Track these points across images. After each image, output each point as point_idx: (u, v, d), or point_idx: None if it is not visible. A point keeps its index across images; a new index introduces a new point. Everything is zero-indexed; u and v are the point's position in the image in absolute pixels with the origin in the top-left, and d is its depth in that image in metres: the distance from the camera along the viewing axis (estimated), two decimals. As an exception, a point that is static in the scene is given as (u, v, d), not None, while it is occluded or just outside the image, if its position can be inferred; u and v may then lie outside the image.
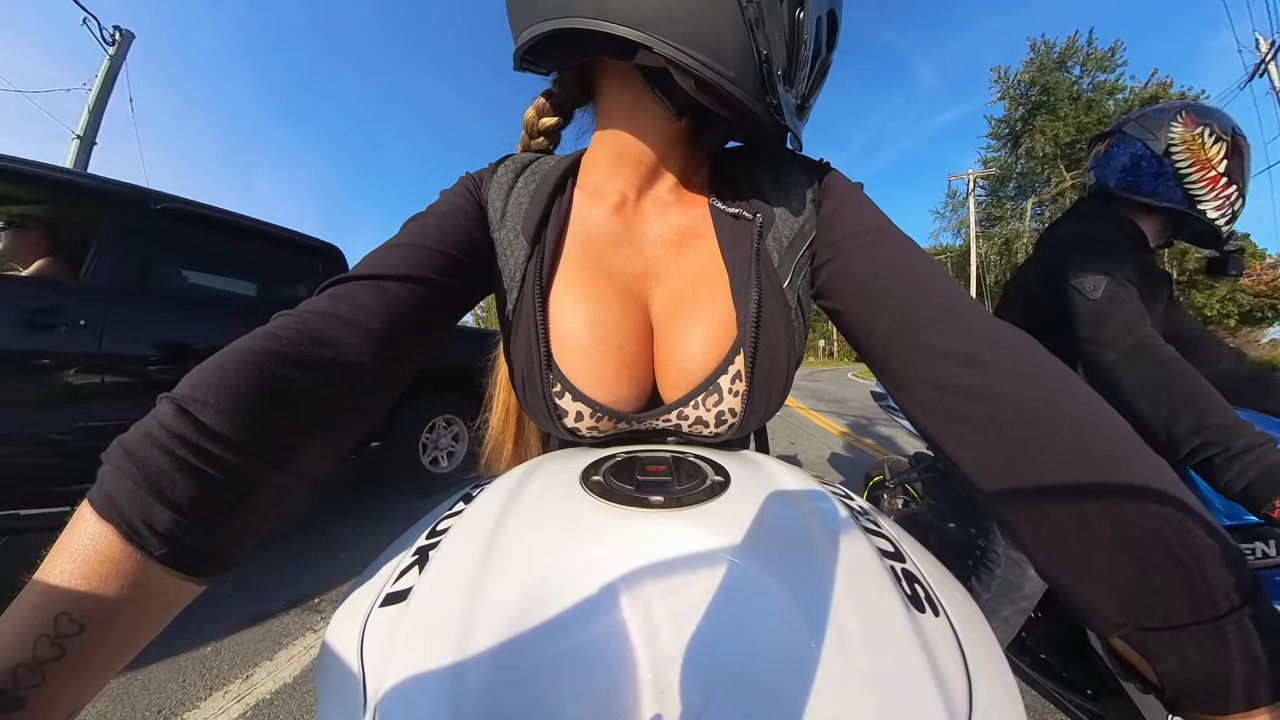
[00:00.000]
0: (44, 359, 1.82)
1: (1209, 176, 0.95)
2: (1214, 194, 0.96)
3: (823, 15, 0.39)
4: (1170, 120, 1.00)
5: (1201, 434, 0.75)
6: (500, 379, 0.68)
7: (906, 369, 0.38)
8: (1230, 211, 0.97)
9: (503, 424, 0.68)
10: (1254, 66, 19.26)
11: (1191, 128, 0.97)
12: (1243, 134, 0.97)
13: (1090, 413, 0.31)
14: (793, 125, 0.40)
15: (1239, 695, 0.25)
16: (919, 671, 0.25)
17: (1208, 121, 0.96)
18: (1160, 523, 0.27)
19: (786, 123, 0.39)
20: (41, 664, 0.24)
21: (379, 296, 0.38)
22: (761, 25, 0.35)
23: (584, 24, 0.37)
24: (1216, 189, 0.96)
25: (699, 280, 0.48)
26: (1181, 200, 0.99)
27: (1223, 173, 0.95)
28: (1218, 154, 0.95)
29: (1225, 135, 0.95)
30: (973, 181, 27.97)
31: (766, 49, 0.35)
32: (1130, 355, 0.86)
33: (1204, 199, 0.97)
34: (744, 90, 0.36)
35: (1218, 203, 0.96)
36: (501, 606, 0.26)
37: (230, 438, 0.30)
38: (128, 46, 10.04)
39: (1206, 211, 0.97)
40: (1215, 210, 0.97)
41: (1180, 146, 0.98)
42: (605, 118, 0.49)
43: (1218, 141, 0.95)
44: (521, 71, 0.47)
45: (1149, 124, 1.03)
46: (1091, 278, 0.94)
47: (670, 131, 0.47)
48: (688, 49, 0.35)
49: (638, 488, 0.35)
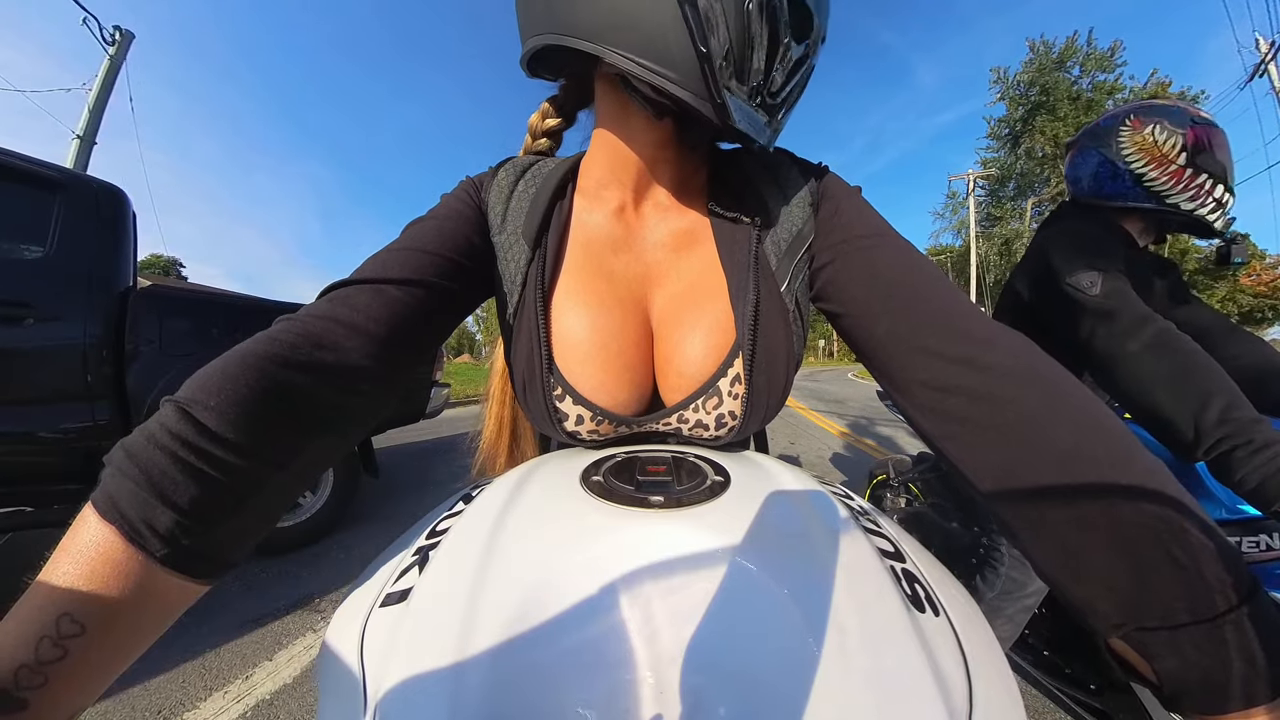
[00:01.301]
0: None
1: (1170, 171, 0.97)
2: (1180, 186, 0.97)
3: (780, 3, 0.35)
4: (1119, 125, 1.02)
5: (1227, 425, 0.74)
6: (494, 391, 0.68)
7: (905, 371, 0.38)
8: (1211, 199, 0.97)
9: (496, 437, 0.68)
10: (1254, 66, 19.29)
11: (1140, 129, 1.00)
12: (1206, 123, 0.97)
13: (1088, 414, 0.31)
14: (746, 126, 0.38)
15: (1237, 694, 0.25)
16: (919, 671, 0.25)
17: (1157, 119, 0.98)
18: (1158, 523, 0.27)
19: (735, 123, 0.37)
20: (44, 665, 0.24)
21: (379, 300, 0.39)
22: (703, 23, 0.34)
23: (553, 40, 0.39)
24: (1182, 181, 0.96)
25: (698, 284, 0.48)
26: (1147, 198, 1.01)
27: (1184, 165, 0.96)
28: (1173, 148, 0.96)
29: (1179, 129, 0.96)
30: (972, 182, 27.98)
31: (706, 47, 0.34)
32: (1153, 346, 0.84)
33: (1171, 193, 0.98)
34: (689, 91, 0.35)
35: (1189, 193, 0.97)
36: (501, 607, 0.26)
37: (232, 440, 0.30)
38: (128, 46, 10.04)
39: (1180, 204, 0.98)
40: (1190, 201, 0.97)
41: (1132, 148, 1.00)
42: (600, 121, 0.50)
43: (1170, 136, 0.97)
44: (533, 78, 0.49)
45: (1100, 132, 1.06)
46: (1086, 275, 0.94)
47: (655, 133, 0.46)
48: (634, 55, 0.35)
49: (638, 488, 0.35)
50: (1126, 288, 0.91)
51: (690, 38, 0.34)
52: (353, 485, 2.80)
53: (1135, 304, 0.89)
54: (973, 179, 27.95)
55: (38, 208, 1.86)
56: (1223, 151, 0.96)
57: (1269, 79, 18.62)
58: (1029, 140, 26.57)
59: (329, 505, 2.67)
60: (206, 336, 2.24)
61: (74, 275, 1.88)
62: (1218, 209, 0.97)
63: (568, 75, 0.52)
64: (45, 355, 1.82)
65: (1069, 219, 1.12)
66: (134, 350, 1.99)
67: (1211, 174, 0.96)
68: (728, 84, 0.36)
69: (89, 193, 1.97)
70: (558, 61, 0.46)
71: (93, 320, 1.89)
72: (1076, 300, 0.94)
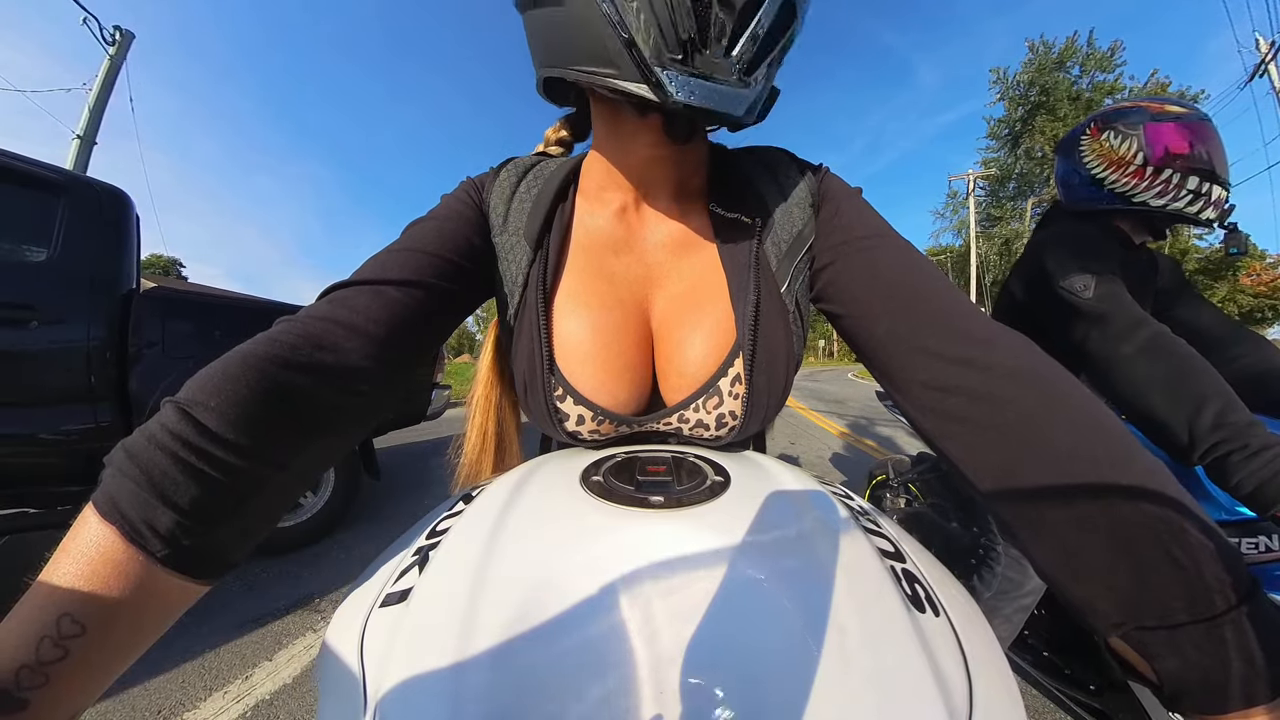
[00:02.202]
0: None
1: (1129, 172, 1.01)
2: (1144, 185, 1.00)
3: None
4: (1080, 135, 1.09)
5: (1222, 430, 0.74)
6: (477, 399, 0.65)
7: (905, 371, 0.39)
8: (1184, 192, 0.98)
9: (479, 451, 0.64)
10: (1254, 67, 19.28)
11: (1097, 136, 1.06)
12: (1172, 118, 0.99)
13: (1087, 414, 0.31)
14: (701, 99, 0.34)
15: (1237, 694, 0.25)
16: (919, 671, 0.25)
17: (1113, 125, 1.03)
18: (1157, 523, 0.27)
19: (677, 98, 0.34)
20: (45, 665, 0.24)
21: (378, 302, 0.39)
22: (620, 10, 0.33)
23: (544, 73, 0.42)
24: (1144, 180, 0.99)
25: (699, 285, 0.48)
26: (1114, 199, 1.05)
27: (1143, 164, 0.99)
28: (1129, 150, 1.01)
29: (1133, 131, 1.00)
30: (973, 182, 27.97)
31: (628, 32, 0.33)
32: (1146, 350, 0.84)
33: (1136, 193, 1.01)
34: (629, 81, 0.34)
35: (1155, 190, 1.00)
36: (501, 607, 0.26)
37: (232, 440, 0.30)
38: (128, 46, 10.05)
39: (1148, 202, 1.01)
40: (1158, 198, 1.00)
41: (1091, 155, 1.07)
42: (597, 127, 0.50)
43: (1125, 140, 1.01)
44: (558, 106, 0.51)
45: (1067, 144, 1.12)
46: (1079, 278, 0.94)
47: (647, 132, 0.45)
48: (585, 67, 0.36)
49: (638, 488, 0.36)
50: (1120, 291, 0.92)
51: (613, 28, 0.33)
52: (353, 485, 2.80)
53: (1129, 307, 0.90)
54: (973, 179, 27.94)
55: (41, 210, 1.86)
56: (1198, 143, 0.97)
57: (1269, 79, 18.62)
58: (1029, 140, 26.56)
59: (330, 505, 2.67)
60: (209, 338, 2.24)
61: (77, 278, 1.88)
62: (1196, 200, 0.98)
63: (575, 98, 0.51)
64: (48, 357, 1.82)
65: (1064, 221, 1.13)
66: (137, 352, 2.00)
67: (1177, 168, 0.97)
68: (661, 60, 0.33)
69: (92, 195, 1.98)
70: (563, 88, 0.47)
71: (96, 322, 1.89)
72: (1070, 304, 0.95)
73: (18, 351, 1.77)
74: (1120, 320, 0.89)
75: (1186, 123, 0.98)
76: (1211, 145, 0.97)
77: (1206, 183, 0.97)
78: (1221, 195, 0.97)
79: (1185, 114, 0.98)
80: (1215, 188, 0.97)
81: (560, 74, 0.39)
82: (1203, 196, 0.97)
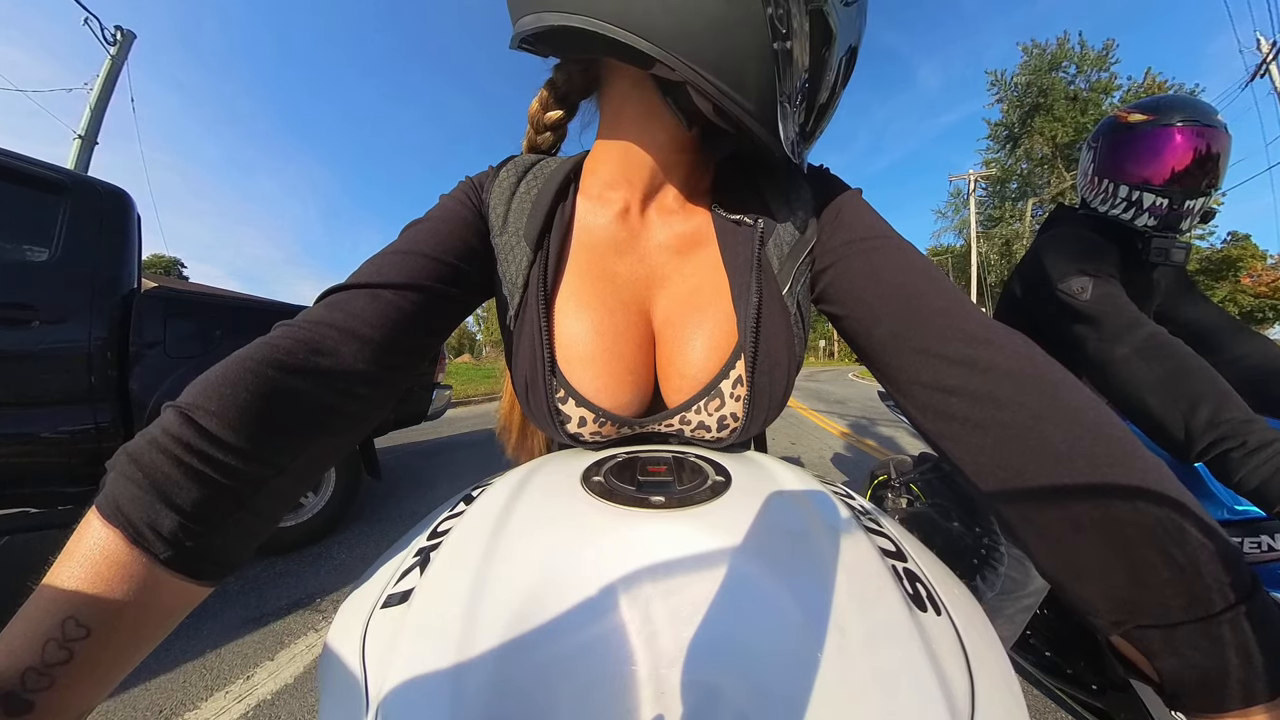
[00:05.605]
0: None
1: (1087, 179, 1.12)
2: (1092, 193, 1.10)
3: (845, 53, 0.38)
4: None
5: (1219, 428, 0.74)
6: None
7: (907, 372, 0.39)
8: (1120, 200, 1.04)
9: (510, 411, 0.70)
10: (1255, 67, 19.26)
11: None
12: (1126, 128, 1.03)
13: (1088, 414, 0.31)
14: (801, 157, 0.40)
15: (1236, 693, 0.25)
16: (921, 671, 0.25)
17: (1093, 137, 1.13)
18: (1155, 522, 0.27)
19: (796, 157, 0.39)
20: (50, 667, 0.24)
21: (375, 305, 0.39)
22: (789, 63, 0.34)
23: (603, 29, 0.35)
24: (1094, 188, 1.09)
25: (701, 287, 0.48)
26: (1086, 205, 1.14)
27: (1094, 173, 1.09)
28: (1088, 158, 1.13)
29: (1092, 141, 1.11)
30: (974, 182, 27.93)
31: (789, 89, 0.35)
32: (1142, 351, 0.85)
33: (1091, 199, 1.11)
34: (760, 123, 0.37)
35: (1099, 197, 1.08)
36: (503, 607, 0.27)
37: (232, 443, 0.30)
38: (129, 46, 10.06)
39: (1095, 208, 1.10)
40: (1102, 205, 1.08)
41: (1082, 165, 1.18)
42: (612, 118, 0.49)
43: (1086, 149, 1.14)
44: (519, 50, 0.43)
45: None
46: (1077, 280, 0.95)
47: (680, 139, 0.46)
48: (710, 75, 0.34)
49: (638, 488, 0.36)
50: (1118, 292, 0.93)
51: (775, 78, 0.35)
52: (354, 486, 2.80)
53: (1125, 308, 0.90)
54: (974, 179, 27.92)
55: (43, 210, 1.86)
56: (1129, 153, 1.01)
57: (1270, 79, 18.59)
58: (1028, 141, 26.54)
59: (331, 505, 2.67)
60: (210, 338, 2.23)
61: (78, 278, 1.88)
62: (1130, 209, 1.03)
63: (569, 58, 0.49)
64: (49, 357, 1.82)
65: (1066, 223, 1.15)
66: (138, 352, 2.00)
67: (1110, 177, 1.04)
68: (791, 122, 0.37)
69: (94, 196, 1.97)
70: (561, 41, 0.41)
71: (97, 323, 1.89)
72: (1068, 305, 0.96)
73: (19, 352, 1.77)
74: (1116, 321, 0.89)
75: (1126, 134, 1.03)
76: (1145, 153, 1.00)
77: (1137, 191, 1.01)
78: (1158, 202, 1.00)
79: (1139, 122, 1.01)
80: (1147, 195, 1.00)
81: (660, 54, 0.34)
82: (1133, 205, 1.02)
